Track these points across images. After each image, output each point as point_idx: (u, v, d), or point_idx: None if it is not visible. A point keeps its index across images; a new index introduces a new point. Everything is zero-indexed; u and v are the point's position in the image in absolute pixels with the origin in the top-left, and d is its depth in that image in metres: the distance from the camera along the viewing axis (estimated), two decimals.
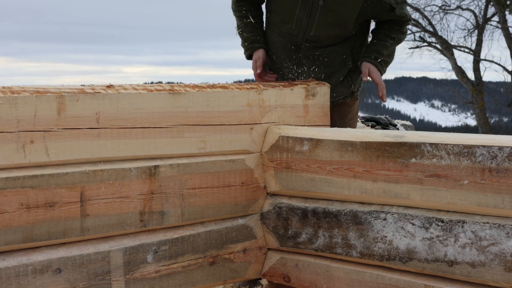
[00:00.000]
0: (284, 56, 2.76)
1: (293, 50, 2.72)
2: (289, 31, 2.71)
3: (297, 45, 2.71)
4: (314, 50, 2.70)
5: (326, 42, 2.70)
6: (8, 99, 1.84)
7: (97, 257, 2.00)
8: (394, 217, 2.11)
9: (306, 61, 2.73)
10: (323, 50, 2.71)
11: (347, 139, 2.20)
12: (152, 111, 2.11)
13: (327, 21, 2.64)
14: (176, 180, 2.16)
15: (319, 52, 2.71)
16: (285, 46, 2.74)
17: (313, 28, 2.67)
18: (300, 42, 2.70)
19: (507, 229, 1.91)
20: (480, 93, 16.92)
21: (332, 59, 2.73)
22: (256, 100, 2.39)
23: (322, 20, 2.63)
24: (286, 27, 2.72)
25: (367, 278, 2.19)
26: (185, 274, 2.21)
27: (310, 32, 2.67)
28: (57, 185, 1.91)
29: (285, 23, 2.72)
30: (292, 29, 2.70)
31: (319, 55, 2.71)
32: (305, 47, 2.70)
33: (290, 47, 2.73)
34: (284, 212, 2.36)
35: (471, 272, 1.97)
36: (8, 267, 1.84)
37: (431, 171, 2.02)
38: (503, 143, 1.91)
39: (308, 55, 2.70)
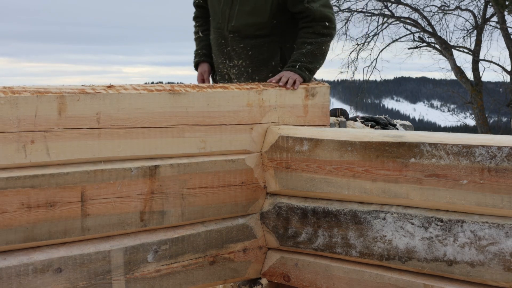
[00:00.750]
0: (218, 52, 2.85)
1: (223, 44, 2.82)
2: (218, 25, 2.82)
3: (226, 38, 2.80)
4: (239, 42, 2.79)
5: (246, 32, 2.78)
6: (9, 99, 1.84)
7: (97, 257, 2.00)
8: (394, 216, 2.12)
9: (234, 54, 2.81)
10: (247, 43, 2.78)
11: (346, 139, 2.21)
12: (153, 111, 2.12)
13: (245, 10, 2.75)
14: (176, 180, 2.17)
15: (243, 44, 2.78)
16: (217, 41, 2.84)
17: (234, 18, 2.77)
18: (226, 34, 2.80)
19: (506, 229, 1.91)
20: (479, 93, 16.93)
21: (257, 53, 2.79)
22: (256, 100, 2.39)
23: (241, 9, 2.75)
24: (215, 22, 2.84)
25: (367, 277, 2.19)
26: (186, 273, 2.22)
27: (231, 22, 2.78)
28: (58, 185, 1.92)
29: (214, 19, 2.85)
30: (219, 23, 2.81)
31: (243, 47, 2.78)
32: (231, 39, 2.79)
33: (220, 42, 2.83)
34: (284, 211, 2.36)
35: (470, 271, 1.97)
36: (9, 267, 1.84)
37: (430, 171, 2.03)
38: (502, 143, 1.92)
39: (234, 47, 2.79)
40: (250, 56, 2.78)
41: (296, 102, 2.52)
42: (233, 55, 2.80)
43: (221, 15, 2.79)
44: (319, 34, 2.74)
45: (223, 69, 2.85)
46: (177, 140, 2.18)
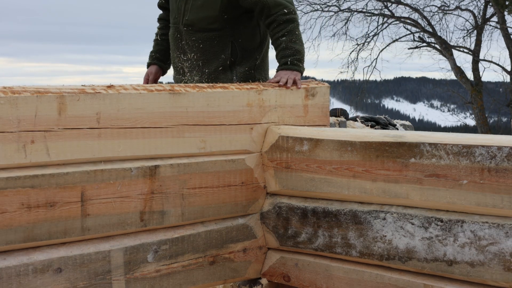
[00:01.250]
0: (174, 46, 2.93)
1: (178, 38, 2.89)
2: (174, 20, 2.91)
3: (180, 33, 2.88)
4: (192, 35, 2.86)
5: (200, 25, 2.85)
6: (9, 99, 1.84)
7: (97, 257, 2.00)
8: (394, 216, 2.12)
9: (187, 47, 2.87)
10: (199, 36, 2.84)
11: (346, 139, 2.21)
12: (153, 111, 2.12)
13: (197, 4, 2.83)
14: (176, 180, 2.17)
15: (195, 37, 2.85)
16: (173, 35, 2.92)
17: (188, 12, 2.86)
18: (181, 28, 2.88)
19: (506, 229, 1.91)
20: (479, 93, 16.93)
21: (208, 46, 2.85)
22: (256, 100, 2.39)
23: (194, 4, 2.84)
24: (172, 17, 2.92)
25: (367, 277, 2.19)
26: (185, 273, 2.22)
27: (186, 16, 2.86)
28: (58, 185, 1.92)
29: (171, 15, 2.94)
30: (175, 18, 2.90)
31: (195, 40, 2.85)
32: (185, 32, 2.87)
33: (176, 36, 2.90)
34: (284, 211, 2.36)
35: (470, 271, 1.97)
36: (9, 267, 1.84)
37: (430, 171, 2.03)
38: (502, 143, 1.92)
39: (188, 41, 2.86)
40: (202, 49, 2.84)
41: (296, 102, 2.52)
42: (186, 49, 2.87)
43: (177, 10, 2.89)
44: (284, 22, 2.75)
45: (178, 63, 2.93)
46: (177, 140, 2.18)
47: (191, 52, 2.87)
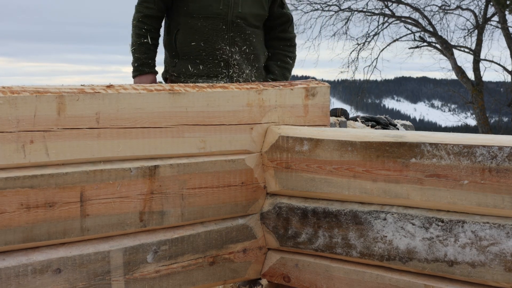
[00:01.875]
0: (216, 38, 2.86)
1: (224, 30, 2.85)
2: (217, 11, 2.85)
3: (228, 24, 2.84)
4: (245, 28, 2.86)
5: (250, 20, 2.88)
6: (8, 99, 1.84)
7: (97, 257, 1.99)
8: (394, 217, 2.11)
9: (239, 39, 2.86)
10: (252, 30, 2.88)
11: (347, 139, 2.20)
12: (152, 111, 2.11)
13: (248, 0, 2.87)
14: (176, 180, 2.16)
15: (250, 31, 2.87)
16: (215, 27, 2.85)
17: (240, 5, 2.86)
18: (232, 20, 2.84)
19: (507, 229, 1.91)
20: (480, 93, 16.93)
21: (257, 42, 2.90)
22: (256, 100, 2.39)
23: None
24: (212, 8, 2.85)
25: (367, 278, 2.19)
26: (185, 274, 2.21)
27: (238, 9, 2.85)
28: (57, 185, 1.91)
29: (210, 6, 2.86)
30: (220, 9, 2.84)
31: (250, 34, 2.87)
32: (237, 25, 2.85)
33: (221, 27, 2.85)
34: (284, 212, 2.36)
35: (471, 272, 1.97)
36: (8, 267, 1.84)
37: (431, 171, 2.02)
38: (503, 143, 1.91)
39: (240, 33, 2.85)
40: (254, 44, 2.88)
41: (296, 102, 2.52)
42: (238, 41, 2.86)
43: (224, 1, 2.84)
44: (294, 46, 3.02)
45: (222, 56, 2.88)
46: (177, 140, 2.18)
47: (244, 45, 2.86)
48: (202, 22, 2.86)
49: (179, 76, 3.02)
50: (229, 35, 2.83)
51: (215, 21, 2.84)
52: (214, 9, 2.85)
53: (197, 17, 2.87)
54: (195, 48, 2.88)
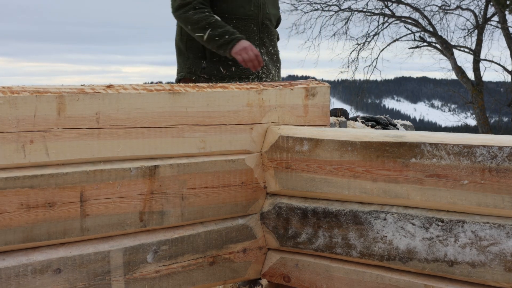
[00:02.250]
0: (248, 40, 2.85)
1: (255, 31, 2.86)
2: (248, 12, 2.85)
3: (258, 25, 2.86)
4: (271, 29, 2.90)
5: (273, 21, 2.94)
6: (8, 99, 1.84)
7: (97, 257, 1.99)
8: (394, 217, 2.11)
9: (267, 40, 2.89)
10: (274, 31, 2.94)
11: (347, 139, 2.20)
12: (152, 111, 2.11)
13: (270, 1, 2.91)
14: (176, 180, 2.16)
15: (274, 32, 2.92)
16: (247, 29, 2.85)
17: (266, 6, 2.89)
18: (262, 21, 2.87)
19: (507, 229, 1.90)
20: (480, 93, 16.93)
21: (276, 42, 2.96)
22: (256, 100, 2.39)
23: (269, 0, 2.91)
24: (244, 10, 2.85)
25: (367, 278, 2.19)
26: (185, 274, 2.21)
27: (266, 10, 2.88)
28: (57, 185, 1.91)
29: (242, 7, 2.86)
30: (251, 10, 2.84)
31: (273, 34, 2.92)
32: (265, 26, 2.88)
33: (252, 29, 2.86)
34: (284, 212, 2.36)
35: (471, 272, 1.97)
36: (8, 267, 1.84)
37: (431, 171, 2.02)
38: (503, 143, 1.91)
39: (268, 34, 2.89)
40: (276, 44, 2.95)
41: (296, 102, 2.52)
42: (266, 41, 2.89)
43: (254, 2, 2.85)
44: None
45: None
46: (177, 140, 2.18)
47: (270, 46, 2.89)
48: (234, 23, 2.83)
49: (210, 78, 2.95)
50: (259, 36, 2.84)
51: (247, 23, 2.83)
52: (246, 10, 2.84)
53: (229, 18, 2.85)
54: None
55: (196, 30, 2.80)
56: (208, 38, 2.73)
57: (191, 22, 2.79)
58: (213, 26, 2.75)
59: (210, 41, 2.74)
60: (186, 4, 2.84)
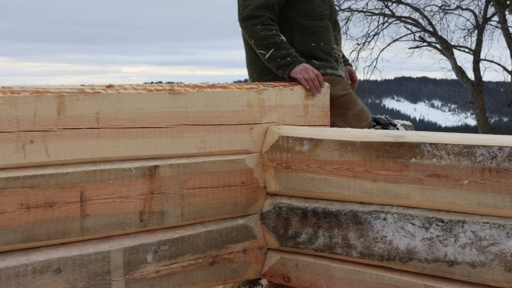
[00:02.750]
0: (330, 38, 2.90)
1: (332, 29, 2.92)
2: (324, 12, 2.90)
3: (333, 24, 2.94)
4: (339, 26, 3.03)
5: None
6: (8, 99, 1.84)
7: (97, 257, 1.99)
8: (394, 217, 2.11)
9: (339, 38, 2.97)
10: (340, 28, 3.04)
11: (347, 139, 2.20)
12: (152, 111, 2.11)
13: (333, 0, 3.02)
14: (176, 180, 2.16)
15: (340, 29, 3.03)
16: (327, 27, 2.90)
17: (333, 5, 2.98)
18: (334, 19, 2.96)
19: (507, 229, 1.90)
20: (480, 93, 16.92)
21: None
22: (256, 100, 2.39)
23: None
24: (320, 10, 2.88)
25: (367, 278, 2.19)
26: (185, 274, 2.21)
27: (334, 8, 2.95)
28: (57, 185, 1.91)
29: (319, 7, 2.88)
30: (326, 10, 2.90)
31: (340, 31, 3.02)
32: (336, 24, 2.98)
33: (330, 27, 2.91)
34: (284, 212, 2.36)
35: (471, 272, 1.97)
36: (8, 267, 1.84)
37: (431, 171, 2.02)
38: (503, 143, 1.91)
39: (338, 32, 3.00)
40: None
41: (296, 102, 2.52)
42: (338, 39, 2.98)
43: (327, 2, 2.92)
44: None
45: (335, 55, 2.92)
46: (177, 140, 2.18)
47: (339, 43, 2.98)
48: (317, 22, 2.85)
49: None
50: (334, 34, 2.92)
51: (325, 22, 2.88)
52: (323, 10, 2.89)
53: (310, 19, 2.85)
54: (315, 49, 2.83)
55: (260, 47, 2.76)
56: (270, 57, 2.70)
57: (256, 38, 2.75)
58: (278, 47, 2.72)
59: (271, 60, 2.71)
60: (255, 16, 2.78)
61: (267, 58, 2.70)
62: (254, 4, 2.78)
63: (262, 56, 2.73)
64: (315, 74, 2.64)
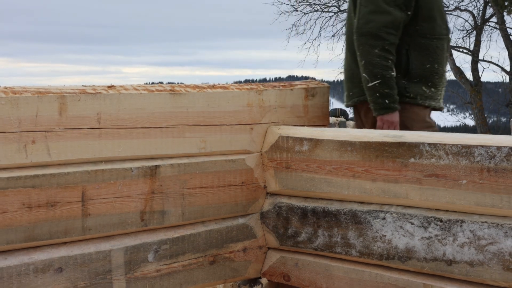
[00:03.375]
0: (444, 60, 2.72)
1: (446, 50, 2.73)
2: (443, 32, 2.73)
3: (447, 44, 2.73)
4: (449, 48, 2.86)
5: None
6: (10, 99, 1.85)
7: (98, 256, 2.00)
8: (393, 216, 2.12)
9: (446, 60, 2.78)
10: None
11: (346, 139, 2.21)
12: (153, 111, 2.12)
13: None
14: (176, 179, 2.17)
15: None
16: (443, 49, 2.70)
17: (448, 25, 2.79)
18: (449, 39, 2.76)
19: (505, 229, 1.92)
20: (479, 94, 16.93)
21: None
22: (256, 100, 2.40)
23: None
24: (440, 29, 2.72)
25: (366, 277, 2.20)
26: (186, 273, 2.22)
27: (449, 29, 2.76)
28: (59, 185, 1.92)
29: (439, 26, 2.71)
30: (444, 29, 2.72)
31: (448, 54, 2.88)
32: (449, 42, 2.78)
33: (445, 48, 2.73)
34: (284, 211, 2.37)
35: (469, 271, 1.98)
36: (10, 266, 1.85)
37: (429, 171, 2.03)
38: (501, 143, 1.92)
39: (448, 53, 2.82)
40: None
41: (296, 102, 2.53)
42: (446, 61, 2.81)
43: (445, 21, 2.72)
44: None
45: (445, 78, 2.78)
46: (178, 140, 2.19)
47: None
48: (435, 43, 2.67)
49: (416, 97, 2.74)
50: (446, 56, 2.72)
51: (442, 42, 2.69)
52: (442, 29, 2.70)
53: (430, 38, 2.67)
54: (429, 71, 2.67)
55: (367, 71, 2.57)
56: (372, 87, 2.55)
57: (368, 61, 2.56)
58: (384, 81, 2.55)
59: (370, 90, 2.55)
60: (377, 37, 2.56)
61: (368, 86, 2.52)
62: (380, 22, 2.55)
63: (365, 81, 2.53)
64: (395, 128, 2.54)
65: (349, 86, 2.85)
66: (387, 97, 2.56)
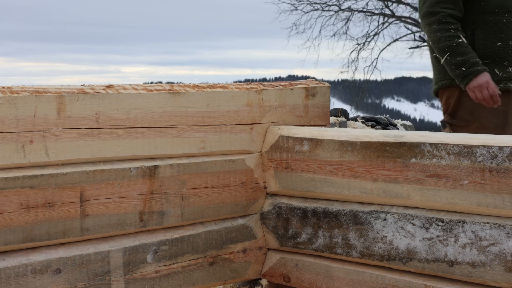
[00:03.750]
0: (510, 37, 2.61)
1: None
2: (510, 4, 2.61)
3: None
4: None
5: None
6: (8, 99, 1.84)
7: (96, 257, 1.99)
8: (394, 217, 2.11)
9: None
10: None
11: (347, 139, 2.20)
12: (152, 111, 2.11)
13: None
14: (176, 180, 2.16)
15: None
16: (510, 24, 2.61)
17: None
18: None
19: (507, 229, 1.90)
20: None
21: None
22: (256, 100, 2.39)
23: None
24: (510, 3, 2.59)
25: (367, 278, 2.19)
26: (185, 274, 2.21)
27: None
28: (57, 185, 1.91)
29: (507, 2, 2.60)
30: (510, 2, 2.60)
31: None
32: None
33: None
34: (284, 212, 2.36)
35: (471, 272, 1.97)
36: (8, 267, 1.84)
37: (431, 171, 2.02)
38: (503, 143, 1.91)
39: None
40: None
41: (296, 102, 2.52)
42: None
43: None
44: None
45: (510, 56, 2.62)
46: (177, 140, 2.18)
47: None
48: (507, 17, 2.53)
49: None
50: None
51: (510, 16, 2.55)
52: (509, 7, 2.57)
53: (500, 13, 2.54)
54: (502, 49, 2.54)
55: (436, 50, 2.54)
56: (445, 63, 2.49)
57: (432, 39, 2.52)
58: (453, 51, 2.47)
59: (447, 66, 2.49)
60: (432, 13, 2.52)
61: (442, 63, 2.45)
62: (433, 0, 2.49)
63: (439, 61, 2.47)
64: (489, 94, 2.38)
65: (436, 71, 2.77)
66: (462, 65, 2.47)
